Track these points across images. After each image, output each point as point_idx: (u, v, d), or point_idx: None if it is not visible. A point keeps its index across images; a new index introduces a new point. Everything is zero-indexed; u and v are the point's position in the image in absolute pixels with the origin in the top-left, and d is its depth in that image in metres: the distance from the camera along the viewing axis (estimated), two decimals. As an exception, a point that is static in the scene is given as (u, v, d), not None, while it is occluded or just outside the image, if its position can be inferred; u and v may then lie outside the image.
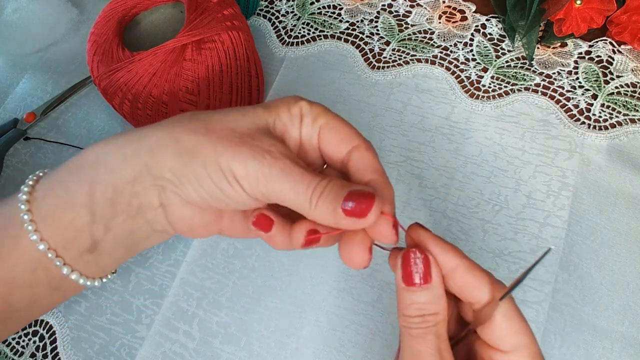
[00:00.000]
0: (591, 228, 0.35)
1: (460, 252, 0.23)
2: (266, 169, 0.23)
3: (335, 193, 0.23)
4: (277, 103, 0.26)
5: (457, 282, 0.23)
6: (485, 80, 0.42)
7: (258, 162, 0.23)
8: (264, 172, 0.23)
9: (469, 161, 0.39)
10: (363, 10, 0.47)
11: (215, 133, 0.24)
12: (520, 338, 0.22)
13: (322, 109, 0.26)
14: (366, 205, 0.22)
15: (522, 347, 0.22)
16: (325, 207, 0.23)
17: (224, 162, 0.23)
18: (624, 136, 0.38)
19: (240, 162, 0.23)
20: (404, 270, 0.23)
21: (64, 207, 0.25)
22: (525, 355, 0.22)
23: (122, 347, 0.36)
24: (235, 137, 0.24)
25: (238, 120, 0.25)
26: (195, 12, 0.35)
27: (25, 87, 0.50)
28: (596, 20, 0.40)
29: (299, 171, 0.23)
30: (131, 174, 0.25)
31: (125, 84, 0.35)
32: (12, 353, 0.37)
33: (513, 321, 0.22)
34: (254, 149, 0.23)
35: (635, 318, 0.33)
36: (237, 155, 0.23)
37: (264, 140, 0.24)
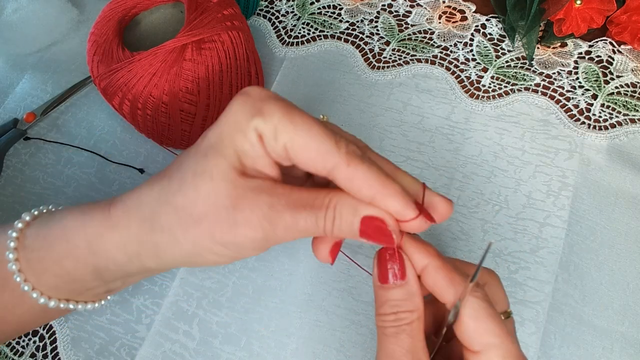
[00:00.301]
0: (591, 228, 0.36)
1: (431, 251, 0.23)
2: (273, 237, 0.22)
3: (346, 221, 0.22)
4: (232, 131, 0.22)
5: (427, 281, 0.23)
6: (485, 80, 0.42)
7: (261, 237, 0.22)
8: (272, 238, 0.22)
9: (469, 161, 0.39)
10: (363, 10, 0.47)
11: (205, 220, 0.22)
12: (489, 338, 0.21)
13: (280, 120, 0.21)
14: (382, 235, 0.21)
15: (491, 348, 0.21)
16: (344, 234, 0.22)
17: (231, 244, 0.22)
18: (624, 136, 0.38)
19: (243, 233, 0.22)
20: (379, 269, 0.23)
21: (69, 282, 0.27)
22: (494, 356, 0.21)
23: (122, 347, 0.36)
24: (223, 217, 0.22)
25: (212, 189, 0.22)
26: (195, 12, 0.35)
27: (25, 87, 0.50)
28: (596, 20, 0.40)
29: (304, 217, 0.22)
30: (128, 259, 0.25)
31: (125, 84, 0.35)
32: (12, 353, 0.37)
33: (482, 321, 0.21)
34: (248, 226, 0.22)
35: (635, 318, 0.33)
36: (237, 238, 0.22)
37: (249, 206, 0.22)
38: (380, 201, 0.21)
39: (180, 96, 0.35)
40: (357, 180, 0.21)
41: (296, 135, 0.21)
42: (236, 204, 0.22)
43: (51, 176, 0.44)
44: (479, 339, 0.21)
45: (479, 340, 0.21)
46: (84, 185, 0.43)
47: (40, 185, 0.44)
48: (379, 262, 0.23)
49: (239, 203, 0.22)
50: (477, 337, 0.21)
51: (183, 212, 0.22)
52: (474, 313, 0.21)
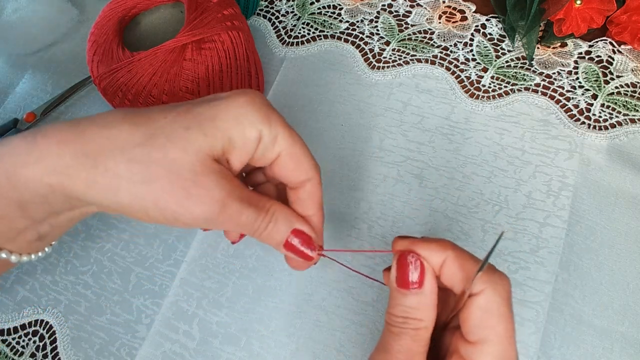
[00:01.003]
0: (591, 228, 0.35)
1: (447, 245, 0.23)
2: (214, 221, 0.23)
3: (280, 227, 0.25)
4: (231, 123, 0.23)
5: (446, 275, 0.23)
6: (485, 80, 0.42)
7: (205, 217, 0.23)
8: (213, 221, 0.23)
9: (469, 161, 0.39)
10: (363, 10, 0.47)
11: (158, 182, 0.22)
12: (491, 334, 0.21)
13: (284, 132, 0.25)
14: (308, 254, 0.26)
15: (487, 344, 0.21)
16: (269, 239, 0.25)
17: (171, 212, 0.23)
18: (624, 136, 0.38)
19: (193, 209, 0.23)
20: (398, 272, 0.23)
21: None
22: (489, 352, 0.21)
23: (122, 347, 0.36)
24: (178, 185, 0.22)
25: (180, 159, 0.22)
26: (195, 12, 0.35)
27: (25, 87, 0.50)
28: (596, 20, 0.40)
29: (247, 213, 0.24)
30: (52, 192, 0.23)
31: (125, 84, 0.35)
32: (12, 353, 0.37)
33: (490, 316, 0.21)
34: (200, 202, 0.22)
35: (635, 318, 0.33)
36: (186, 205, 0.22)
37: (209, 186, 0.23)
38: (311, 220, 0.27)
39: (180, 96, 0.35)
40: (315, 196, 0.26)
41: (293, 147, 0.25)
42: (197, 179, 0.22)
43: None
44: (479, 331, 0.21)
45: (478, 332, 0.21)
46: (84, 185, 0.43)
47: (40, 185, 0.44)
48: (399, 266, 0.23)
49: (200, 180, 0.22)
50: (478, 329, 0.21)
51: (139, 166, 0.22)
52: (486, 306, 0.21)
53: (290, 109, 0.44)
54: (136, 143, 0.22)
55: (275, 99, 0.44)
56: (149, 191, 0.22)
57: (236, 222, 0.24)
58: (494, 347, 0.21)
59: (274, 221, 0.25)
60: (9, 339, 0.38)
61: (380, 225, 0.38)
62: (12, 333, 0.38)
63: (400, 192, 0.39)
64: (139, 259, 0.39)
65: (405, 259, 0.23)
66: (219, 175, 0.23)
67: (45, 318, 0.38)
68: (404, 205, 0.38)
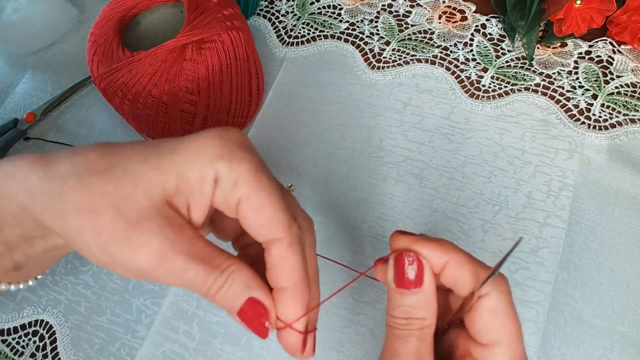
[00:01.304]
0: (591, 228, 0.35)
1: (450, 247, 0.22)
2: (151, 274, 0.20)
3: (235, 291, 0.21)
4: (187, 158, 0.20)
5: (449, 277, 0.22)
6: (485, 80, 0.42)
7: (140, 267, 0.20)
8: (150, 274, 0.20)
9: (469, 161, 0.39)
10: (363, 10, 0.47)
11: (103, 216, 0.20)
12: (502, 335, 0.21)
13: (247, 174, 0.20)
14: (259, 324, 0.21)
15: (499, 345, 0.21)
16: (221, 302, 0.21)
17: (110, 253, 0.20)
18: (624, 136, 0.38)
19: (129, 255, 0.20)
20: (396, 272, 0.22)
21: None
22: (502, 352, 0.21)
23: (122, 347, 0.36)
24: (119, 225, 0.20)
25: (129, 196, 0.20)
26: (195, 12, 0.35)
27: (25, 87, 0.50)
28: (596, 20, 0.40)
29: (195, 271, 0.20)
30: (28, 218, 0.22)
31: (125, 84, 0.35)
32: (12, 353, 0.37)
33: (499, 317, 0.21)
34: (136, 249, 0.20)
35: (635, 318, 0.33)
36: (123, 249, 0.20)
37: (150, 232, 0.20)
38: (281, 296, 0.21)
39: (180, 96, 0.35)
40: (286, 262, 0.21)
41: (255, 195, 0.20)
42: (140, 222, 0.20)
43: None
44: (491, 333, 0.21)
45: (490, 334, 0.21)
46: (84, 185, 0.43)
47: (40, 185, 0.44)
48: (396, 265, 0.22)
49: (142, 223, 0.20)
50: (491, 331, 0.21)
51: (89, 195, 0.20)
52: (494, 307, 0.21)
53: (290, 109, 0.44)
54: (95, 171, 0.21)
55: (275, 99, 0.44)
56: (91, 223, 0.20)
57: (179, 279, 0.20)
58: (506, 347, 0.21)
59: (229, 284, 0.21)
60: (9, 339, 0.38)
61: (380, 225, 0.38)
62: (12, 333, 0.38)
63: (400, 192, 0.38)
64: (139, 259, 0.39)
65: (402, 258, 0.22)
66: (166, 221, 0.20)
67: (45, 318, 0.38)
68: (404, 205, 0.38)
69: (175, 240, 0.20)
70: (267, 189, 0.21)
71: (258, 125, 0.43)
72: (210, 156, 0.20)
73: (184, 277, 0.20)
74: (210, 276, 0.21)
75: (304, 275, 0.21)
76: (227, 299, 0.21)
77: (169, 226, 0.20)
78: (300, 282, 0.21)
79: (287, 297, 0.21)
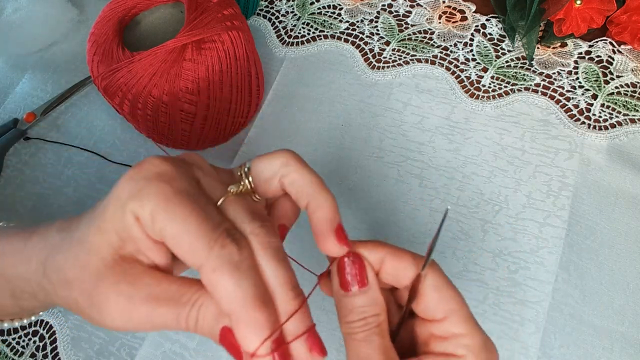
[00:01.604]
0: (591, 228, 0.35)
1: (381, 243, 0.23)
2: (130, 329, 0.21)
3: (208, 325, 0.20)
4: (113, 213, 0.20)
5: (388, 272, 0.23)
6: (485, 80, 0.42)
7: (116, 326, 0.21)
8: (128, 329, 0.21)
9: (469, 161, 0.39)
10: (363, 10, 0.47)
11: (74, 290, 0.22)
12: (451, 304, 0.22)
13: (156, 206, 0.19)
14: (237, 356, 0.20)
15: (453, 312, 0.22)
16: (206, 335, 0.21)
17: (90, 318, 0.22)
18: (624, 136, 0.38)
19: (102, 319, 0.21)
20: (340, 278, 0.23)
21: None
22: (457, 319, 0.22)
23: (122, 347, 0.36)
24: (85, 293, 0.21)
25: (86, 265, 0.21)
26: (195, 12, 0.35)
27: (25, 87, 0.50)
28: (596, 20, 0.40)
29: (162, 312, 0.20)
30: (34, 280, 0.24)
31: (125, 84, 0.35)
32: (12, 353, 0.37)
33: (442, 290, 0.23)
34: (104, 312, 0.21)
35: (635, 318, 0.33)
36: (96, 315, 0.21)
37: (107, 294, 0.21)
38: (233, 325, 0.19)
39: (180, 96, 0.35)
40: (217, 289, 0.19)
41: (169, 225, 0.19)
42: (98, 285, 0.21)
43: (51, 176, 0.44)
44: (442, 306, 0.23)
45: (442, 307, 0.23)
46: (84, 185, 0.43)
47: (40, 185, 0.44)
48: (339, 271, 0.23)
49: (100, 285, 0.21)
50: (440, 305, 0.23)
51: (61, 272, 0.22)
52: (436, 283, 0.23)
53: (290, 109, 0.44)
54: (59, 250, 0.23)
55: (275, 99, 0.44)
56: (72, 296, 0.22)
57: (152, 325, 0.21)
58: (459, 313, 0.22)
59: (202, 317, 0.20)
60: (9, 339, 0.38)
61: (380, 225, 0.38)
62: (12, 333, 0.38)
63: (401, 192, 0.38)
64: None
65: (343, 262, 0.23)
66: (121, 276, 0.21)
67: (45, 318, 0.38)
68: (404, 205, 0.38)
69: (133, 293, 0.20)
70: (179, 217, 0.19)
71: (258, 125, 0.43)
72: (123, 201, 0.20)
73: (155, 322, 0.20)
74: (181, 314, 0.20)
75: (245, 295, 0.19)
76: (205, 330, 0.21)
77: (124, 281, 0.21)
78: (243, 305, 0.19)
79: (234, 324, 0.19)
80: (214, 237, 0.19)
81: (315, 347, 0.21)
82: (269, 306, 0.20)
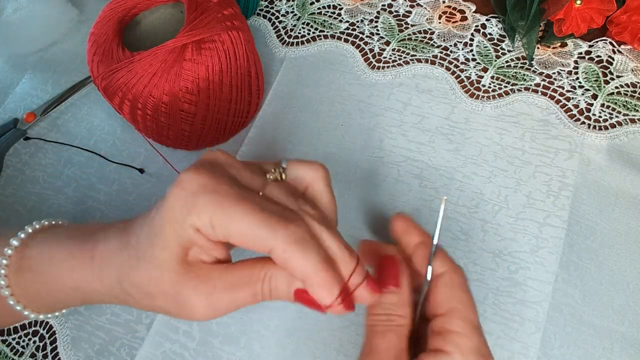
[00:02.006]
0: (591, 228, 0.35)
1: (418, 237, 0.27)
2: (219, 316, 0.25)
3: (283, 291, 0.24)
4: (170, 230, 0.23)
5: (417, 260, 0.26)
6: (485, 80, 0.42)
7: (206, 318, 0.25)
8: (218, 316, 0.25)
9: (469, 161, 0.39)
10: (363, 10, 0.47)
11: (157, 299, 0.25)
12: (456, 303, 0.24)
13: (213, 215, 0.22)
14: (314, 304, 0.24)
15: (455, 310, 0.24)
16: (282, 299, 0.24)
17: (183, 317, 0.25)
18: (624, 136, 0.38)
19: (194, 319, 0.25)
20: (380, 274, 0.25)
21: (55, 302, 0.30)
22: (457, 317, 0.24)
23: (122, 347, 0.36)
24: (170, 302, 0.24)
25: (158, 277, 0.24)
26: (195, 12, 0.35)
27: (25, 87, 0.50)
28: (596, 20, 0.40)
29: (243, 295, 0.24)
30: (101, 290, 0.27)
31: (125, 84, 0.35)
32: (12, 353, 0.37)
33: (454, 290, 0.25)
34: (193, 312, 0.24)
35: (635, 318, 0.33)
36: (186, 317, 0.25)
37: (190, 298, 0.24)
38: (308, 287, 0.23)
39: (180, 96, 0.35)
40: (290, 264, 0.22)
41: (231, 226, 0.22)
42: (178, 291, 0.24)
43: (51, 176, 0.44)
44: (446, 303, 0.24)
45: (446, 304, 0.24)
46: (84, 185, 0.43)
47: (40, 185, 0.44)
48: (380, 268, 0.25)
49: (180, 293, 0.24)
50: (445, 301, 0.24)
51: (140, 288, 0.25)
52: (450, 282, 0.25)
53: (290, 109, 0.44)
54: (133, 267, 0.25)
55: (275, 99, 0.44)
56: (159, 305, 0.25)
57: (235, 305, 0.24)
58: (461, 312, 0.24)
59: (274, 287, 0.24)
60: (9, 339, 0.38)
61: (380, 225, 0.38)
62: (12, 333, 0.38)
63: (400, 192, 0.39)
64: (139, 259, 0.39)
65: (386, 261, 0.25)
66: (195, 280, 0.24)
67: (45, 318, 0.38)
68: (404, 205, 0.38)
69: (210, 289, 0.24)
70: (238, 217, 0.22)
71: (258, 125, 0.43)
72: (180, 220, 0.22)
73: (238, 304, 0.24)
74: (257, 290, 0.24)
75: (311, 264, 0.22)
76: (281, 295, 0.24)
77: (198, 281, 0.24)
78: (311, 272, 0.22)
79: (309, 286, 0.23)
80: (273, 222, 0.22)
81: (374, 288, 0.24)
82: (332, 266, 0.23)
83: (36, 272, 0.28)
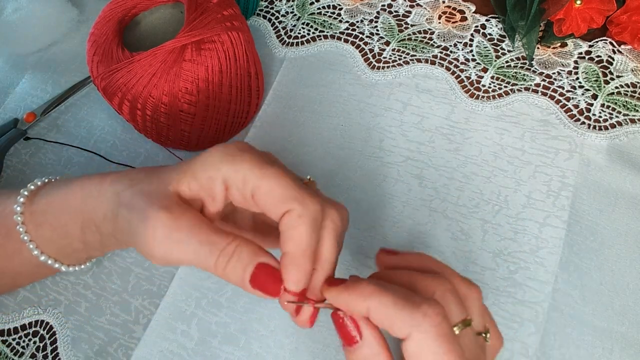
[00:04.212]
0: (591, 228, 0.35)
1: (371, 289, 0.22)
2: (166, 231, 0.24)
3: (243, 262, 0.24)
4: (198, 165, 0.25)
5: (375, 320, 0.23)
6: (485, 80, 0.42)
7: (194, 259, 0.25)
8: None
9: (469, 161, 0.39)
10: (363, 10, 0.47)
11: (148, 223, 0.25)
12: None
13: (250, 169, 0.24)
14: (273, 285, 0.24)
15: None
16: (233, 274, 0.24)
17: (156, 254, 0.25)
18: (624, 136, 0.38)
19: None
20: (339, 333, 0.24)
21: (61, 237, 0.30)
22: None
23: (119, 348, 0.36)
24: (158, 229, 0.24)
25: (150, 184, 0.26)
26: (195, 13, 0.35)
27: (25, 87, 0.50)
28: (596, 20, 0.40)
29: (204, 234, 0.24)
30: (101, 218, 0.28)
31: (125, 84, 0.35)
32: (12, 353, 0.37)
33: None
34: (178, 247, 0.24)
35: (635, 318, 0.33)
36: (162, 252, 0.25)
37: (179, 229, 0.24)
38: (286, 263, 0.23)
39: (179, 96, 0.35)
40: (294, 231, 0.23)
41: (264, 182, 0.24)
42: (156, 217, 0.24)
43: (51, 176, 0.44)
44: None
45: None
46: (84, 185, 0.43)
47: (40, 186, 0.44)
48: (336, 326, 0.24)
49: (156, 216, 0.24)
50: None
51: (133, 198, 0.26)
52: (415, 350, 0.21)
53: (290, 109, 0.44)
54: (142, 181, 0.27)
55: (275, 99, 0.44)
56: (128, 217, 0.26)
57: (189, 261, 0.24)
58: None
59: (236, 256, 0.24)
60: (9, 339, 0.38)
61: (381, 225, 0.38)
62: (13, 333, 0.38)
63: (400, 192, 0.38)
64: (139, 259, 0.39)
65: (337, 319, 0.23)
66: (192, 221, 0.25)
67: (45, 318, 0.38)
68: (404, 205, 0.38)
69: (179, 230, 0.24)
70: (272, 175, 0.24)
71: (258, 125, 0.43)
72: (217, 165, 0.24)
73: (190, 258, 0.24)
74: (214, 259, 0.24)
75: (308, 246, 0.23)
76: (238, 270, 0.24)
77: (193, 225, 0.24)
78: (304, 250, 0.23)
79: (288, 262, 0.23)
80: (303, 195, 0.23)
81: (312, 319, 0.25)
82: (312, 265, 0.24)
83: (48, 196, 0.30)
